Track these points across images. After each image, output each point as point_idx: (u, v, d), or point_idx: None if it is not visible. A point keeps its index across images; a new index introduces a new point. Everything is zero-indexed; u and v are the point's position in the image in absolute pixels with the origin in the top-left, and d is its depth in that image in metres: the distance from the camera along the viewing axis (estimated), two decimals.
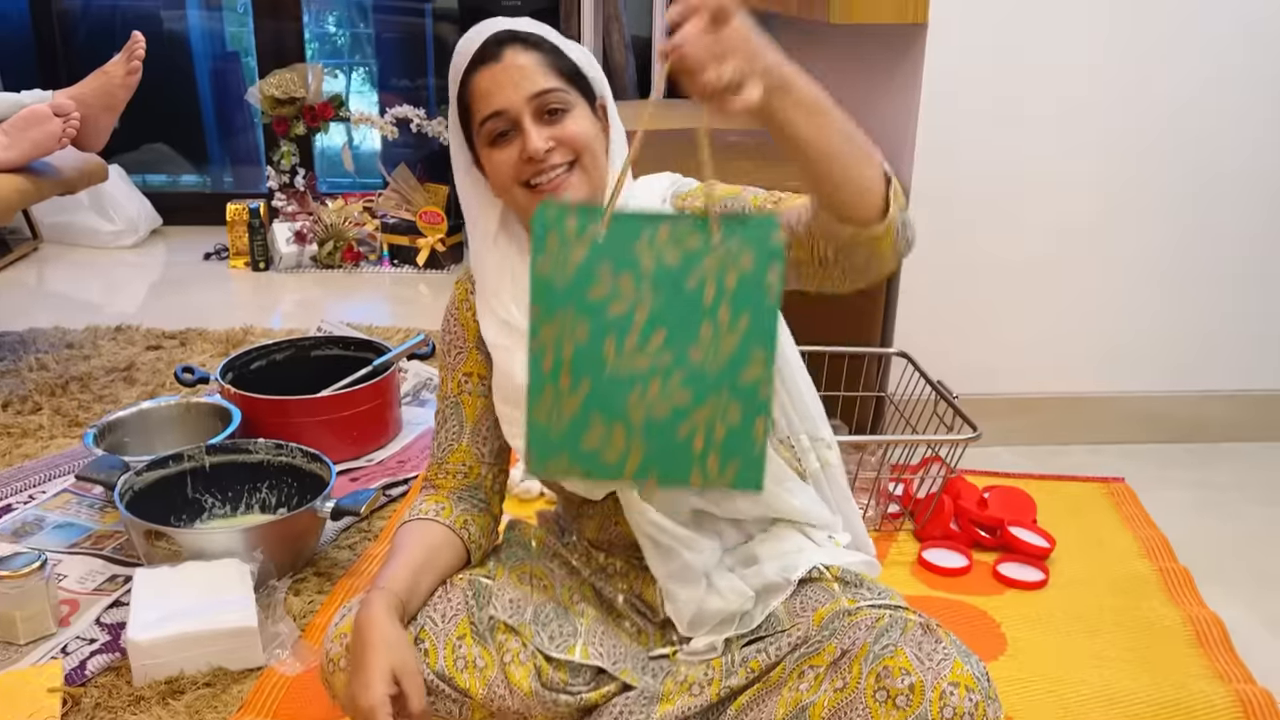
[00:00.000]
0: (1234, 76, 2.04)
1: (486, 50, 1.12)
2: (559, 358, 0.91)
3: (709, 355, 0.91)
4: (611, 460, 0.94)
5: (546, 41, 1.14)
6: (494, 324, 1.21)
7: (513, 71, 1.10)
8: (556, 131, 1.11)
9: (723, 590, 1.18)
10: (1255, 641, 1.59)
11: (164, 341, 2.68)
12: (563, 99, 1.12)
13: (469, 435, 1.26)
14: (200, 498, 1.81)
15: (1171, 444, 2.25)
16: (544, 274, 0.91)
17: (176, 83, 4.11)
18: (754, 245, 0.89)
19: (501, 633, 1.17)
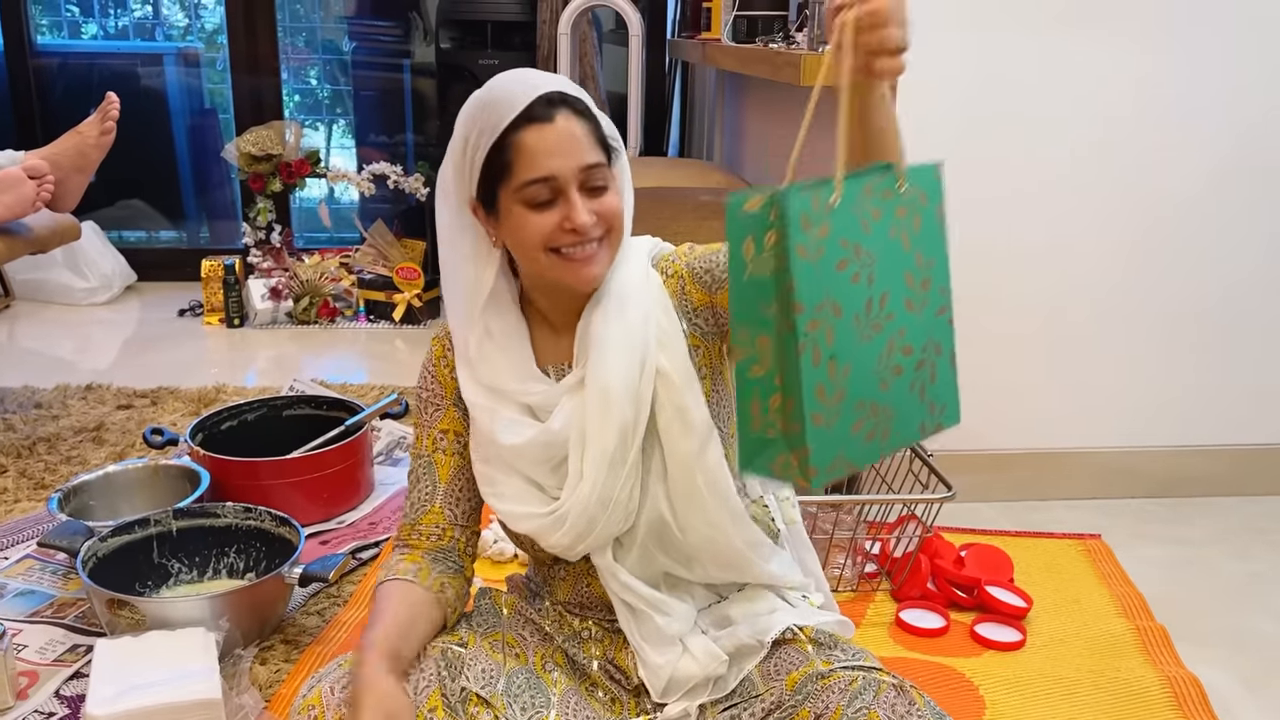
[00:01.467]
0: (1211, 142, 2.08)
1: (537, 109, 1.08)
2: (825, 348, 0.85)
3: (917, 303, 0.92)
4: (871, 440, 0.90)
5: (590, 110, 1.12)
6: (474, 386, 1.20)
7: (566, 139, 1.08)
8: (598, 206, 1.10)
9: (696, 653, 1.17)
10: (1234, 701, 1.58)
11: (135, 400, 2.65)
12: (605, 175, 1.11)
13: (441, 496, 1.25)
14: (166, 563, 1.78)
15: (1148, 499, 2.25)
16: (806, 261, 0.83)
17: (153, 139, 4.12)
18: (926, 187, 0.93)
19: (474, 704, 1.15)
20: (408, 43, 4.07)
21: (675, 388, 1.15)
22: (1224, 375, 2.22)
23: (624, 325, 1.15)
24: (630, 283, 1.18)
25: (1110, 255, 2.13)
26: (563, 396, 1.16)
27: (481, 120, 1.10)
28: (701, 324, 1.19)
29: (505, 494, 1.19)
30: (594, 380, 1.14)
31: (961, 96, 2.01)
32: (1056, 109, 2.04)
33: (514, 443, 1.16)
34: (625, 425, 1.13)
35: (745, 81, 3.30)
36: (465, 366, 1.21)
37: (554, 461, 1.17)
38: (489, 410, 1.18)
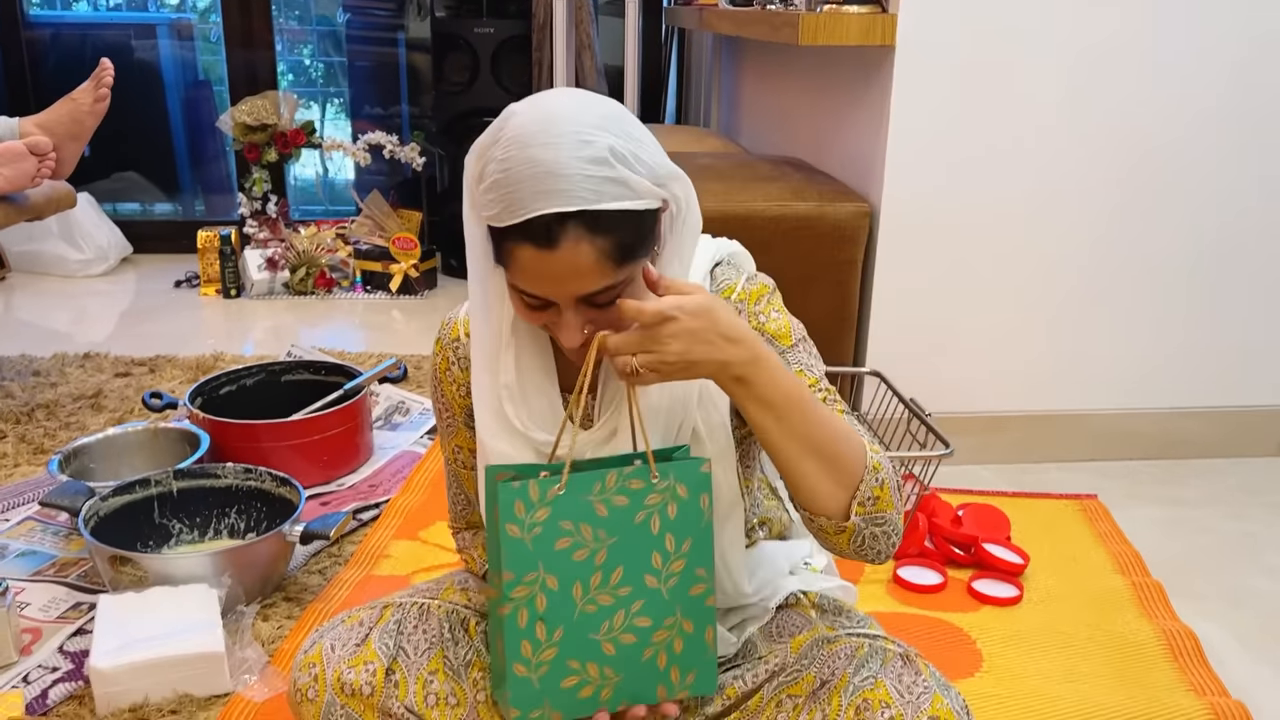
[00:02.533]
0: (1206, 100, 2.08)
1: (536, 228, 0.91)
2: (534, 612, 0.98)
3: (662, 580, 1.01)
4: (588, 695, 1.01)
5: (617, 215, 0.92)
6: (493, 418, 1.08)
7: (566, 268, 0.92)
8: (599, 316, 0.97)
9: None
10: (1228, 655, 1.59)
11: (133, 369, 2.65)
12: (615, 292, 0.96)
13: (478, 503, 1.21)
14: (167, 523, 1.78)
15: (1143, 461, 2.26)
16: (515, 538, 0.96)
17: (148, 111, 4.10)
18: (686, 479, 1.00)
19: (477, 670, 1.15)
20: (402, 16, 4.05)
21: (707, 454, 1.06)
22: (1217, 337, 2.23)
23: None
24: None
25: (1104, 217, 2.14)
26: (592, 451, 1.07)
27: (490, 178, 0.93)
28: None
29: None
30: (626, 438, 1.05)
31: (946, 59, 2.01)
32: (1042, 67, 2.03)
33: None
34: None
35: (742, 46, 3.29)
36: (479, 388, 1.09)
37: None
38: (505, 458, 1.07)
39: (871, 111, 2.12)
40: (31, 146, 2.16)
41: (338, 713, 1.12)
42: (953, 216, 2.10)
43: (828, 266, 2.10)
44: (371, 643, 1.13)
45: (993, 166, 2.08)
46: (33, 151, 2.16)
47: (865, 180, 2.15)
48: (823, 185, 2.18)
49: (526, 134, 0.92)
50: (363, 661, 1.12)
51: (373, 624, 1.15)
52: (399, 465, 2.14)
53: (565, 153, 0.90)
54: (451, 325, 1.18)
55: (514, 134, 0.92)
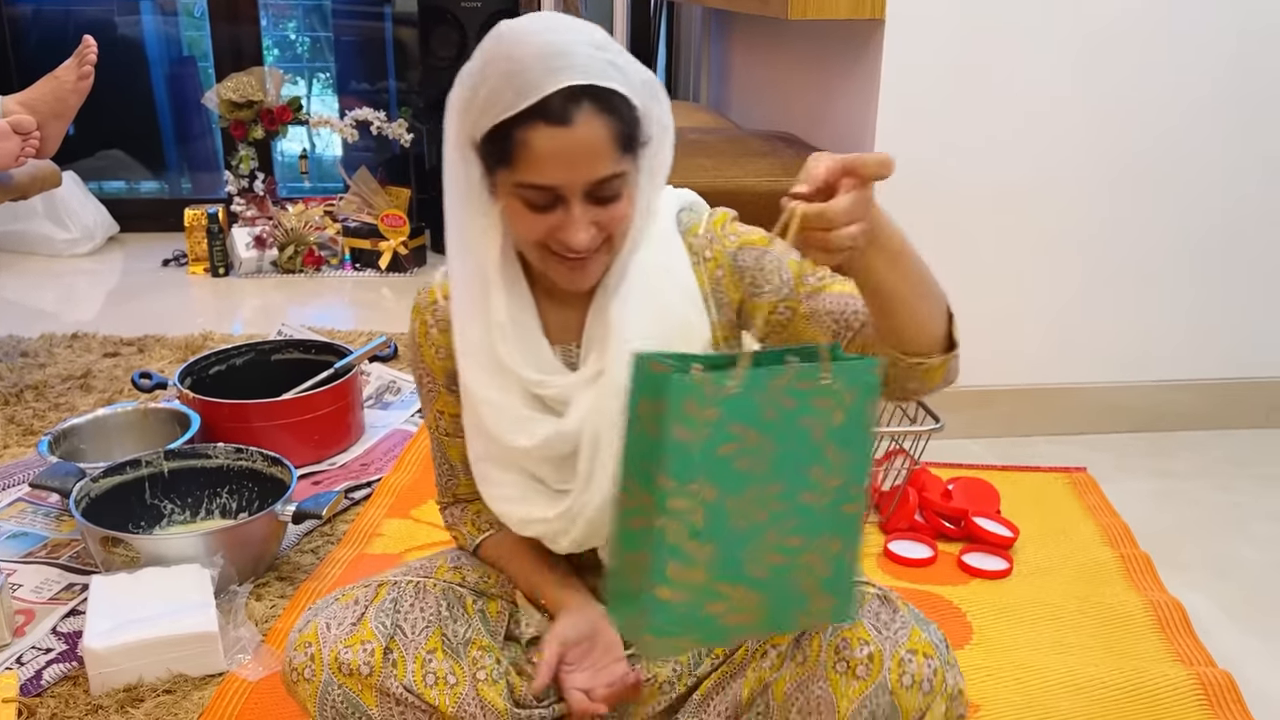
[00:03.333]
0: (1200, 81, 2.07)
1: (553, 105, 0.93)
2: (690, 528, 0.85)
3: (819, 496, 0.89)
4: (729, 623, 0.89)
5: (621, 99, 0.96)
6: (478, 371, 1.09)
7: (582, 148, 0.94)
8: (603, 215, 0.99)
9: None
10: (1214, 625, 1.61)
11: (121, 348, 2.64)
12: (619, 184, 0.98)
13: (463, 470, 1.23)
14: (159, 504, 1.78)
15: (1131, 434, 2.27)
16: (682, 441, 0.83)
17: (132, 88, 4.06)
18: (858, 382, 0.88)
19: (476, 648, 1.15)
20: None
21: None
22: (1206, 312, 2.23)
23: (644, 315, 1.06)
24: (654, 263, 1.08)
25: (1092, 193, 2.14)
26: (576, 391, 1.08)
27: (495, 79, 0.95)
28: (731, 316, 1.11)
29: (508, 495, 1.14)
30: (611, 381, 1.05)
31: (936, 32, 2.00)
32: (1034, 42, 2.03)
33: (527, 444, 1.09)
34: None
35: (732, 20, 3.27)
36: (471, 346, 1.10)
37: (560, 457, 1.11)
38: (494, 407, 1.09)
39: (862, 85, 2.11)
40: (15, 125, 2.14)
41: (335, 693, 1.11)
42: (943, 191, 2.10)
43: None
44: (368, 621, 1.12)
45: (984, 141, 2.08)
46: (16, 130, 2.13)
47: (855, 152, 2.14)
48: None
49: (528, 28, 0.96)
50: (360, 641, 1.11)
51: (368, 602, 1.15)
52: (390, 444, 2.14)
53: (571, 35, 0.95)
54: (428, 290, 1.17)
55: (514, 32, 0.96)
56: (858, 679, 1.01)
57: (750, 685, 1.09)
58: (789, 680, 1.05)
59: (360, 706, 1.12)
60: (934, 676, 1.01)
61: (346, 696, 1.11)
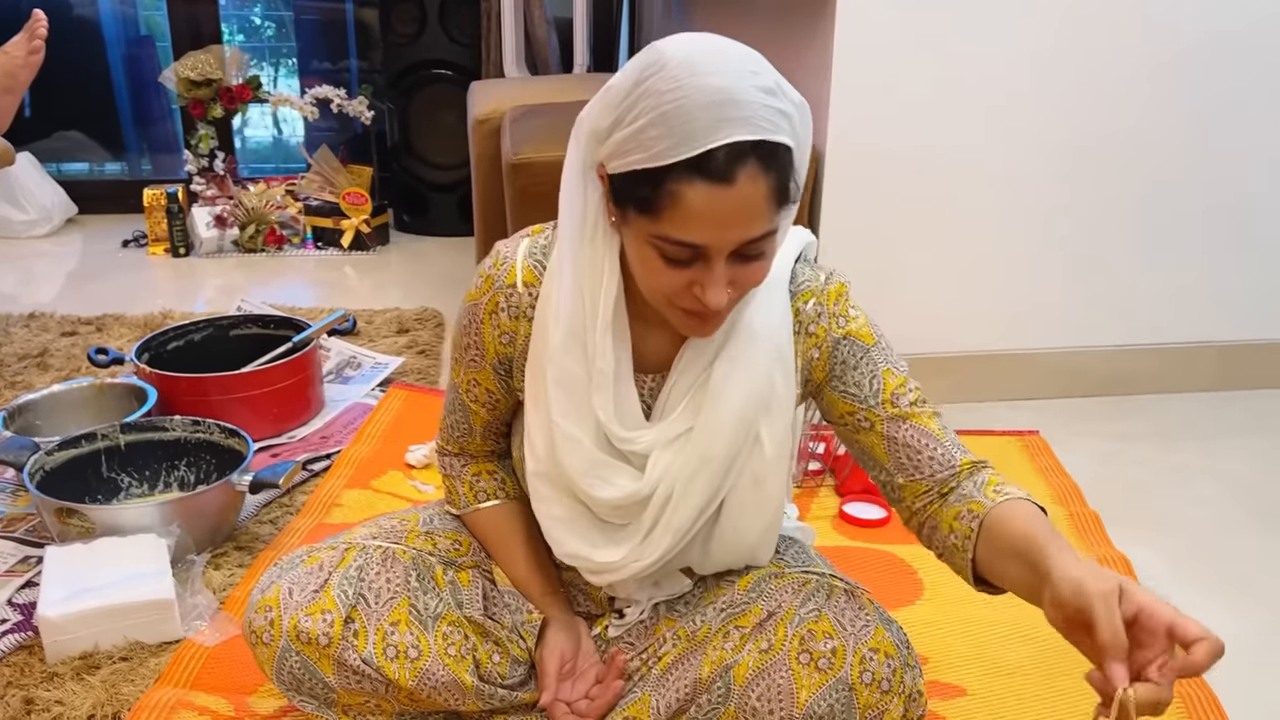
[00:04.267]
0: (1151, 47, 2.10)
1: (716, 162, 0.86)
2: None
3: None
4: None
5: (785, 151, 0.90)
6: (567, 399, 1.05)
7: (741, 208, 0.88)
8: (743, 273, 0.93)
9: (664, 585, 1.19)
10: (1159, 579, 1.65)
11: (79, 328, 2.62)
12: (768, 244, 0.93)
13: (479, 434, 1.21)
14: (116, 477, 1.78)
15: (1084, 398, 2.31)
16: None
17: (89, 69, 4.01)
18: None
19: (446, 623, 1.15)
20: None
21: (765, 460, 1.06)
22: (1154, 276, 2.27)
23: (746, 380, 1.03)
24: (765, 320, 1.04)
25: (1046, 158, 2.16)
26: (658, 447, 1.05)
27: (651, 116, 0.87)
28: (806, 390, 1.10)
29: (559, 516, 1.11)
30: (700, 444, 1.03)
31: (894, 8, 2.01)
32: (984, 11, 2.05)
33: (604, 497, 1.06)
34: (710, 496, 1.06)
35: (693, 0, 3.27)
36: (559, 369, 1.04)
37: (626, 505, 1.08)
38: (573, 443, 1.05)
39: (815, 57, 2.12)
40: None
41: (293, 659, 1.12)
42: (897, 160, 2.12)
43: None
44: (331, 589, 1.12)
45: (935, 110, 2.10)
46: None
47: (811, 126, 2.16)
48: None
49: (696, 65, 0.86)
50: (320, 610, 1.11)
51: (333, 567, 1.14)
52: (350, 417, 2.14)
53: (742, 81, 0.86)
54: (508, 268, 1.09)
55: (680, 66, 0.87)
56: (819, 671, 1.03)
57: (711, 664, 1.09)
58: (751, 665, 1.06)
59: (317, 674, 1.12)
60: (893, 676, 1.03)
61: (304, 664, 1.12)
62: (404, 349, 2.49)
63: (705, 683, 1.09)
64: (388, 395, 2.23)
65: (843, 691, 1.02)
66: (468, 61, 3.46)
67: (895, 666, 1.03)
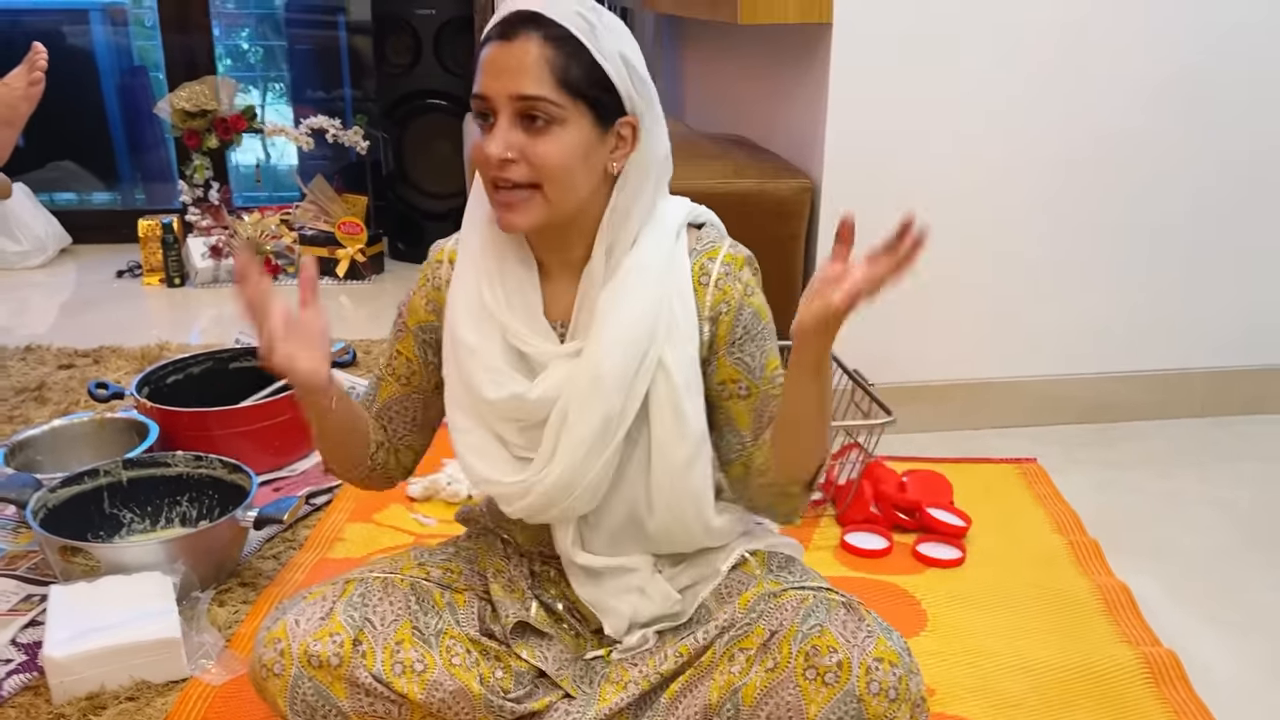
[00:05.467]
0: (1149, 78, 2.14)
1: (504, 24, 1.04)
2: None
3: None
4: None
5: (570, 37, 1.03)
6: (467, 313, 1.14)
7: (511, 60, 1.02)
8: (525, 144, 1.04)
9: (654, 595, 1.20)
10: (1158, 606, 1.66)
11: (76, 360, 2.62)
12: (550, 111, 1.03)
13: (375, 413, 1.26)
14: (118, 513, 1.78)
15: (1077, 425, 2.33)
16: None
17: (82, 99, 4.02)
18: None
19: (449, 638, 1.17)
20: (334, 1, 4.01)
21: (676, 387, 1.12)
22: (1146, 305, 2.30)
23: (633, 307, 1.10)
24: (652, 260, 1.12)
25: (1036, 190, 2.19)
26: (553, 360, 1.12)
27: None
28: (705, 350, 1.15)
29: (473, 445, 1.17)
30: (589, 361, 1.10)
31: (884, 35, 2.04)
32: (980, 43, 2.08)
33: (492, 397, 1.12)
34: (610, 415, 1.10)
35: (683, 26, 3.30)
36: (461, 285, 1.14)
37: (525, 424, 1.14)
38: (471, 351, 1.13)
39: (811, 89, 2.15)
40: None
41: (305, 685, 1.12)
42: (892, 191, 2.14)
43: (770, 243, 2.12)
44: (336, 615, 1.14)
45: (930, 142, 2.12)
46: None
47: (807, 157, 2.19)
48: (765, 162, 2.21)
49: None
50: (329, 633, 1.12)
51: (336, 598, 1.16)
52: None
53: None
54: (439, 249, 1.22)
55: None
56: (826, 685, 1.04)
57: (719, 688, 1.11)
58: (758, 685, 1.07)
59: (330, 699, 1.13)
60: (899, 684, 1.04)
61: (317, 689, 1.12)
62: None
63: (715, 707, 1.10)
64: None
65: (851, 704, 1.03)
66: (461, 91, 3.48)
67: (900, 674, 1.04)
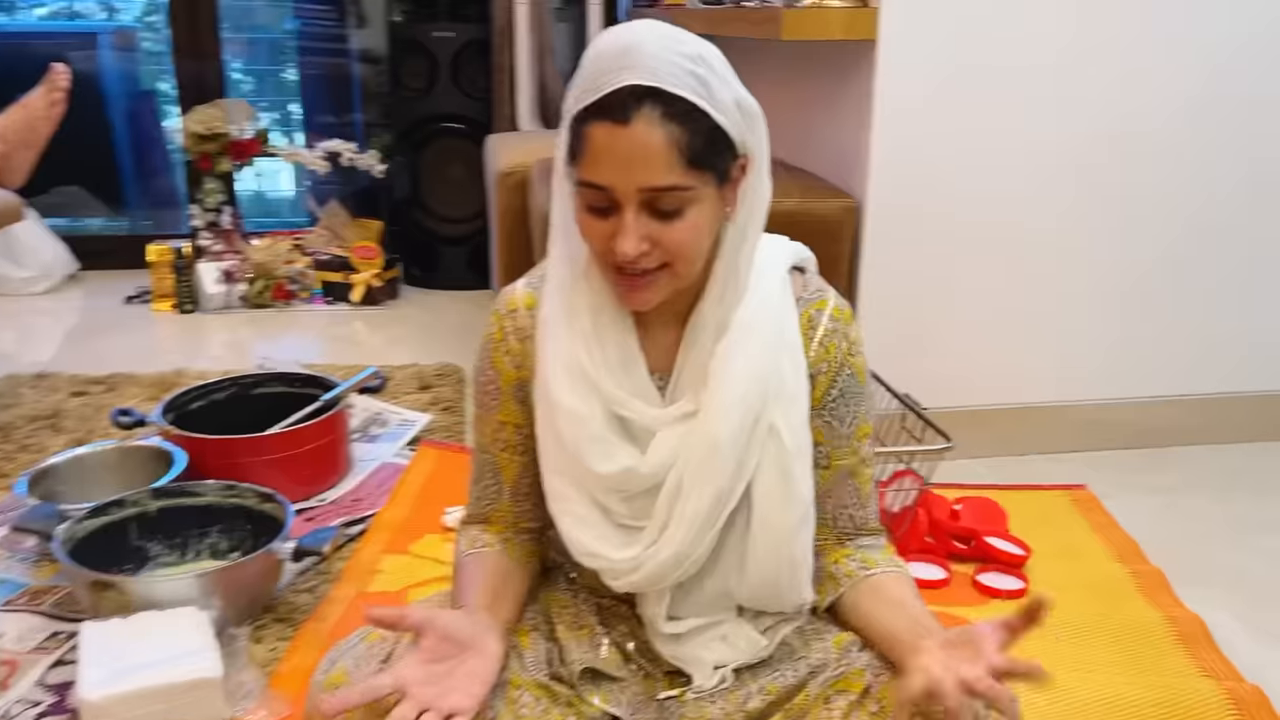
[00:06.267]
0: (1184, 98, 2.10)
1: (613, 102, 0.91)
2: None
3: None
4: None
5: (692, 108, 0.92)
6: (564, 375, 1.05)
7: (634, 149, 0.91)
8: (658, 232, 0.95)
9: (738, 642, 1.13)
10: (1233, 638, 1.60)
11: (90, 387, 2.54)
12: (680, 199, 0.94)
13: (509, 495, 1.17)
14: (145, 546, 1.70)
15: (1125, 450, 2.27)
16: None
17: (89, 123, 3.96)
18: None
19: (514, 689, 1.08)
20: (345, 26, 3.98)
21: (786, 451, 1.04)
22: (1193, 328, 2.25)
23: (746, 365, 1.03)
24: (764, 313, 1.04)
25: (1085, 210, 2.15)
26: (663, 427, 1.04)
27: (578, 80, 0.95)
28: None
29: (578, 514, 1.08)
30: (705, 427, 1.02)
31: (929, 52, 2.00)
32: (1026, 61, 2.04)
33: (603, 471, 1.04)
34: (723, 488, 1.03)
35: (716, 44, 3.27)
36: (555, 343, 1.05)
37: (633, 492, 1.06)
38: (574, 418, 1.04)
39: (854, 107, 2.10)
40: None
41: None
42: (937, 211, 2.10)
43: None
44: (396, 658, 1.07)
45: (977, 160, 2.08)
46: None
47: (849, 176, 2.14)
48: (805, 182, 2.16)
49: (621, 28, 0.96)
50: None
51: (395, 640, 1.09)
52: (381, 478, 2.07)
53: (656, 39, 0.93)
54: (509, 297, 1.13)
55: (609, 30, 0.97)
56: None
57: None
58: None
59: None
60: None
61: None
62: (428, 405, 2.42)
63: None
64: (419, 455, 2.16)
65: None
66: (479, 115, 3.44)
67: None
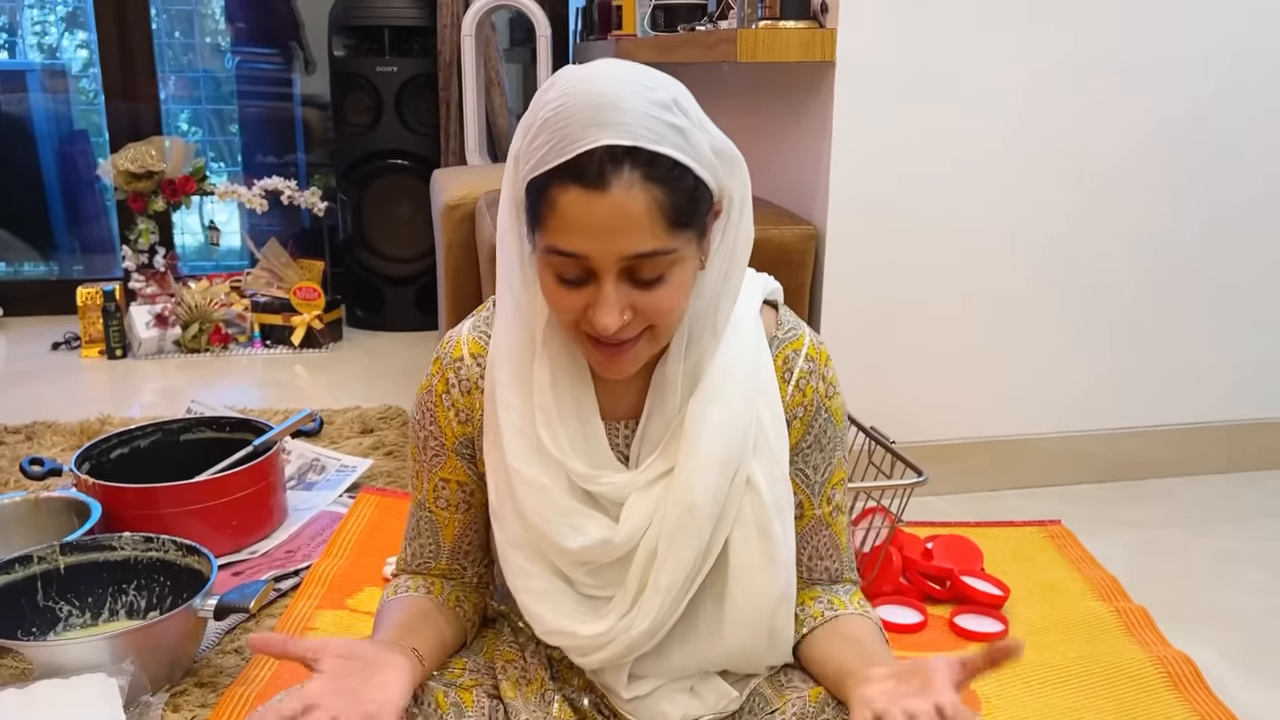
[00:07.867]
0: (1151, 124, 2.06)
1: (586, 165, 0.80)
2: None
3: None
4: None
5: (674, 165, 0.82)
6: (526, 447, 0.95)
7: (615, 216, 0.81)
8: (640, 300, 0.85)
9: (704, 694, 1.03)
10: (1224, 679, 1.51)
11: (6, 437, 2.38)
12: (663, 264, 0.84)
13: (447, 555, 1.08)
14: (54, 606, 1.55)
15: (1098, 483, 2.20)
16: None
17: (17, 164, 3.81)
18: None
19: None
20: (290, 70, 3.88)
21: (764, 508, 0.96)
22: (1163, 357, 2.20)
23: (723, 418, 0.94)
24: (740, 360, 0.95)
25: (1050, 238, 2.09)
26: (632, 493, 0.95)
27: (539, 130, 0.83)
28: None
29: (538, 589, 0.98)
30: (680, 489, 0.94)
31: (888, 74, 1.94)
32: (988, 83, 1.99)
33: (574, 547, 0.94)
34: (699, 551, 0.94)
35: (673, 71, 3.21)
36: (510, 413, 0.95)
37: (601, 563, 0.97)
38: (538, 491, 0.95)
39: (813, 131, 2.04)
40: None
41: None
42: (901, 239, 2.03)
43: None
44: None
45: (939, 187, 2.02)
46: None
47: (809, 203, 2.07)
48: (764, 209, 2.09)
49: (585, 74, 0.83)
50: None
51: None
52: (318, 527, 1.94)
53: (629, 89, 0.82)
54: (454, 344, 1.02)
55: (570, 78, 0.83)
56: None
57: None
58: None
59: None
60: None
61: None
62: (369, 450, 2.29)
63: None
64: (358, 502, 2.03)
65: None
66: (426, 151, 3.34)
67: None
